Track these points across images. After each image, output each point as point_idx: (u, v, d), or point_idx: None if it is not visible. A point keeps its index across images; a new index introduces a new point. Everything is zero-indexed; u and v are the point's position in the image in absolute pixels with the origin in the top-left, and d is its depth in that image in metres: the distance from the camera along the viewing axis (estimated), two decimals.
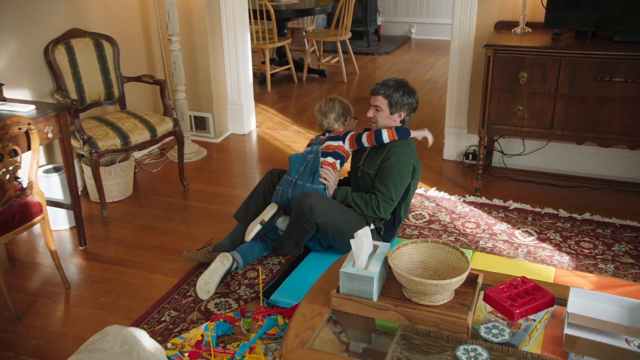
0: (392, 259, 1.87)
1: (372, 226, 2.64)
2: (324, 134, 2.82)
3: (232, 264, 2.60)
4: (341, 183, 2.83)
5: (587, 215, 3.14)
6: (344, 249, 2.55)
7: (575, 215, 3.15)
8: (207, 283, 2.52)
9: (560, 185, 3.53)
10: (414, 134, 2.68)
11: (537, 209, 3.23)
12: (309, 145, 2.82)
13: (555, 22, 3.15)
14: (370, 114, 2.62)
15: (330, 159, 2.71)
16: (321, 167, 2.69)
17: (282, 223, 2.69)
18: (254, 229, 2.63)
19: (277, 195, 2.71)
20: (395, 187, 2.56)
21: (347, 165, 2.86)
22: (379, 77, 6.23)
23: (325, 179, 2.65)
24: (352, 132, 2.74)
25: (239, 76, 4.34)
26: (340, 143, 2.72)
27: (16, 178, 2.45)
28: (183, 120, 3.97)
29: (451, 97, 3.82)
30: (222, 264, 2.56)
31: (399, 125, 2.64)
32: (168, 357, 2.19)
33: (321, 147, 2.73)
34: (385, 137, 2.59)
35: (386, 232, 2.68)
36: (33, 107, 2.64)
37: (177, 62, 3.83)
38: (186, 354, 2.18)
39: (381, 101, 2.57)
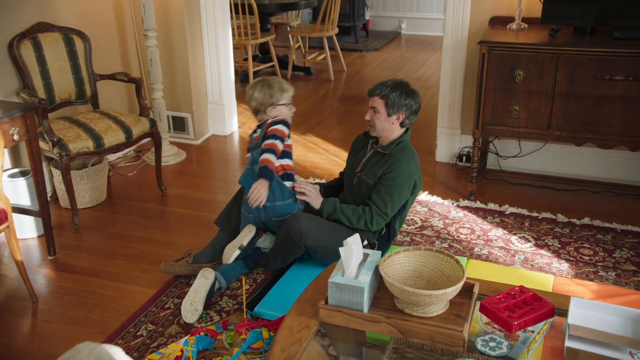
0: (384, 268, 1.86)
1: (366, 242, 2.58)
2: (257, 129, 2.75)
3: (215, 280, 2.56)
4: (326, 191, 2.82)
5: (586, 220, 3.16)
6: (331, 261, 2.52)
7: (574, 220, 3.18)
8: (193, 302, 2.45)
9: (558, 188, 3.55)
10: (296, 185, 2.66)
11: (535, 214, 3.25)
12: (248, 149, 2.79)
13: (552, 17, 3.17)
14: (367, 116, 2.59)
15: (277, 161, 2.64)
16: (296, 183, 2.66)
17: (263, 242, 2.66)
18: (233, 253, 2.58)
19: (248, 220, 2.68)
20: (392, 202, 2.53)
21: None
22: (367, 75, 6.24)
23: (304, 194, 2.61)
24: (278, 127, 2.63)
25: (219, 74, 4.32)
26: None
27: None
28: (160, 120, 3.93)
29: (444, 96, 3.83)
30: (205, 278, 2.50)
31: (399, 127, 2.58)
32: None
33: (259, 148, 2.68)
34: (267, 157, 2.57)
35: (380, 247, 2.66)
36: None
37: (153, 59, 3.80)
38: None
39: (378, 102, 2.54)
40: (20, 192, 3.01)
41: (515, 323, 1.77)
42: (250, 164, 2.70)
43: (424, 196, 3.47)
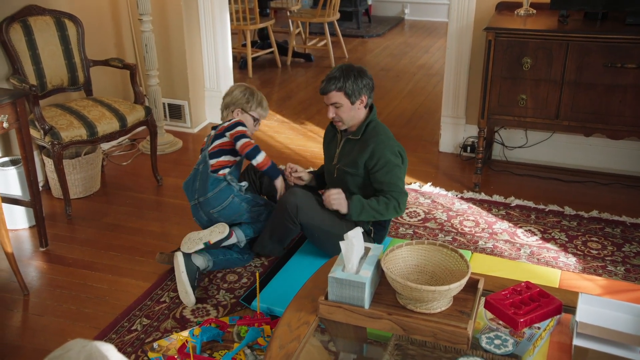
0: (386, 262, 1.84)
1: (361, 230, 2.59)
2: (212, 130, 2.78)
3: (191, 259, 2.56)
4: (318, 179, 2.81)
5: (594, 213, 3.14)
6: (332, 253, 2.53)
7: (582, 213, 3.15)
8: (182, 290, 2.48)
9: (565, 180, 3.53)
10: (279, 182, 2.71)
11: (541, 206, 3.23)
12: (202, 149, 2.80)
13: (562, 2, 3.13)
14: (331, 114, 2.55)
15: (224, 158, 2.68)
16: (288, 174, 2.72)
17: (236, 238, 2.64)
18: (195, 246, 2.54)
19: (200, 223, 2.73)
20: (400, 180, 2.58)
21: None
22: (369, 62, 6.20)
23: (331, 204, 2.53)
24: (238, 129, 2.66)
25: (217, 60, 4.27)
26: (222, 140, 2.70)
27: None
28: (156, 108, 3.90)
29: (448, 84, 3.80)
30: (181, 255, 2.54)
31: (364, 109, 2.57)
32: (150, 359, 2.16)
33: (208, 149, 2.69)
34: (260, 159, 2.64)
35: (377, 233, 2.66)
36: None
37: (149, 45, 3.76)
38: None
39: (337, 96, 2.51)
40: (10, 181, 2.98)
41: (522, 320, 1.75)
42: (198, 163, 2.71)
43: (427, 187, 3.45)
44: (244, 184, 2.71)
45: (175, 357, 2.18)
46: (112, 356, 1.41)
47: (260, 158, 2.64)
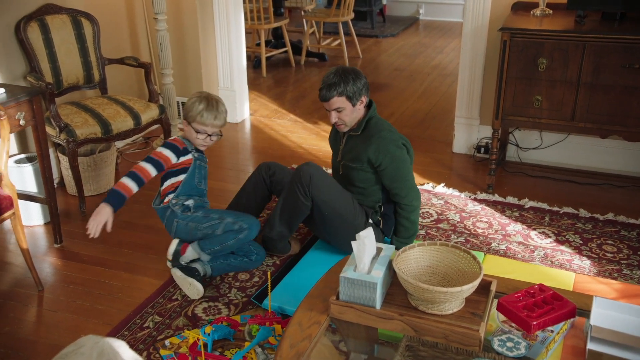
0: (397, 263, 1.84)
1: (370, 220, 2.66)
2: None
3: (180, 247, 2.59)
4: None
5: (610, 216, 3.10)
6: (340, 239, 2.59)
7: (597, 215, 3.12)
8: (190, 284, 2.51)
9: (581, 182, 3.49)
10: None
11: (555, 208, 3.20)
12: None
13: (579, 3, 3.10)
14: (333, 119, 2.58)
15: (168, 182, 2.61)
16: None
17: (192, 252, 2.60)
18: (167, 262, 2.65)
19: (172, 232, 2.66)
20: (409, 174, 2.61)
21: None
22: (383, 62, 6.18)
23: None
24: (157, 150, 2.57)
25: (231, 59, 4.29)
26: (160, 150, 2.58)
27: None
28: (170, 106, 3.93)
29: (462, 84, 3.78)
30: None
31: (363, 107, 2.59)
32: (162, 357, 2.18)
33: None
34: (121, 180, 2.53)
35: (385, 223, 2.70)
36: (3, 90, 2.60)
37: (163, 44, 3.78)
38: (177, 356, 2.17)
39: (339, 101, 2.52)
40: (26, 178, 3.01)
41: (534, 323, 1.74)
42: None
43: (440, 188, 3.43)
44: (189, 202, 2.60)
45: (187, 354, 2.19)
46: (124, 353, 1.42)
47: (142, 164, 2.52)
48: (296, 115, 4.65)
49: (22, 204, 2.72)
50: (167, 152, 2.55)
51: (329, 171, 3.05)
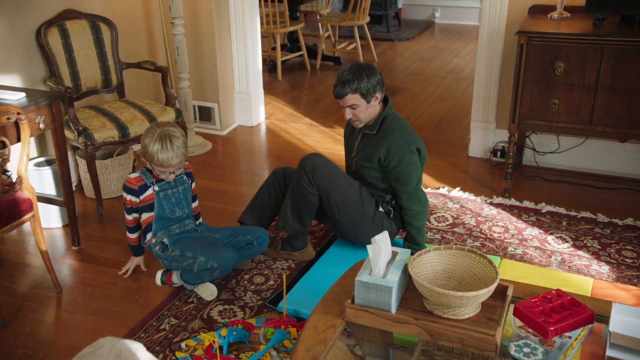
0: (413, 267, 1.83)
1: (381, 209, 2.68)
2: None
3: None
4: None
5: (629, 221, 3.07)
6: (349, 227, 2.62)
7: (615, 220, 3.08)
8: (203, 287, 2.56)
9: (599, 186, 3.46)
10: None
11: (573, 213, 3.16)
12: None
13: (597, 5, 3.07)
14: (348, 115, 2.60)
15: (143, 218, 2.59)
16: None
17: (177, 280, 2.61)
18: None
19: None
20: (414, 179, 2.62)
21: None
22: (398, 65, 6.17)
23: None
24: (123, 195, 2.55)
25: (247, 63, 4.31)
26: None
27: (4, 172, 2.45)
28: (186, 110, 3.96)
29: (478, 88, 3.76)
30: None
31: (379, 103, 2.61)
32: (178, 359, 2.19)
33: None
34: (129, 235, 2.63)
35: (395, 213, 2.72)
36: (23, 94, 2.64)
37: (180, 48, 3.82)
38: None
39: (353, 98, 2.53)
40: (45, 181, 3.05)
41: (552, 329, 1.72)
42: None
43: (455, 192, 3.41)
44: (166, 240, 2.55)
45: (203, 357, 2.20)
46: (141, 354, 1.43)
47: (129, 235, 2.62)
48: (311, 118, 4.66)
49: (41, 207, 2.76)
50: (129, 197, 2.53)
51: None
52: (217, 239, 2.64)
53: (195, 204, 2.71)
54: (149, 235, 2.59)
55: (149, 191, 2.52)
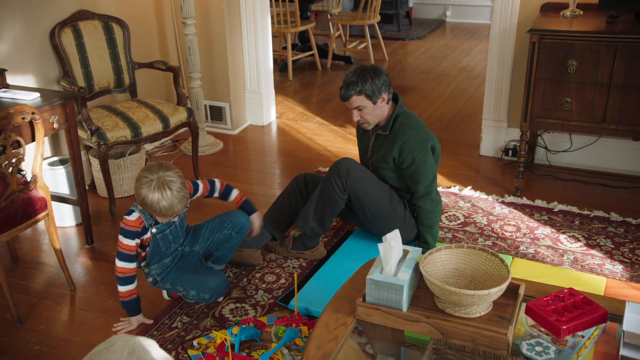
0: (424, 265, 1.83)
1: (408, 209, 2.70)
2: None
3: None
4: None
5: None
6: (381, 229, 2.60)
7: (629, 219, 3.06)
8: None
9: (612, 185, 3.43)
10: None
11: (586, 212, 3.14)
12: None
13: (611, 3, 3.05)
14: (356, 118, 2.62)
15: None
16: None
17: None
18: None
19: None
20: (428, 178, 2.62)
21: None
22: (409, 64, 6.16)
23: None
24: (119, 239, 2.31)
25: (258, 63, 4.33)
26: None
27: (19, 171, 2.48)
28: (198, 110, 3.98)
29: (490, 87, 3.74)
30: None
31: (387, 104, 2.62)
32: (190, 357, 2.21)
33: None
34: (120, 289, 2.34)
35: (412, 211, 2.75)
36: (38, 94, 2.67)
37: (191, 48, 3.84)
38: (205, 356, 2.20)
39: (358, 100, 2.55)
40: (59, 180, 3.08)
41: (564, 327, 1.71)
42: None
43: (467, 191, 3.40)
44: (158, 276, 2.44)
45: (214, 355, 2.21)
46: (154, 351, 1.44)
47: (117, 263, 2.31)
48: (322, 118, 4.66)
49: (54, 206, 2.79)
50: (127, 241, 2.28)
51: None
52: (199, 254, 2.51)
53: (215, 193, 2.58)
54: (146, 269, 2.43)
55: (147, 234, 2.32)
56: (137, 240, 2.30)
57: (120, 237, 2.29)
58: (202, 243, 2.53)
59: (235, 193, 2.61)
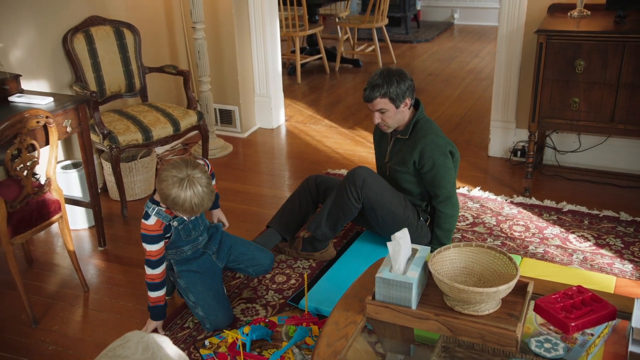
0: (433, 264, 1.85)
1: (421, 218, 2.71)
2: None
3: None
4: None
5: None
6: (392, 234, 2.58)
7: (639, 219, 3.05)
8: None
9: (621, 185, 3.42)
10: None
11: (595, 212, 3.14)
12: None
13: (619, 2, 3.06)
14: (377, 120, 2.62)
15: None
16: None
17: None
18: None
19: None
20: (449, 182, 2.63)
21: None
22: (417, 67, 6.18)
23: None
24: (142, 221, 2.26)
25: (267, 66, 4.36)
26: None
27: (33, 174, 2.52)
28: (207, 113, 4.01)
29: (498, 88, 3.75)
30: None
31: (410, 110, 2.64)
32: (202, 356, 2.24)
33: None
34: (149, 272, 2.29)
35: (433, 221, 2.74)
36: (51, 99, 2.71)
37: (201, 52, 3.88)
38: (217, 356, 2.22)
39: (382, 102, 2.56)
40: (72, 183, 3.13)
41: (573, 324, 1.72)
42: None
43: (475, 192, 3.41)
44: (171, 262, 2.42)
45: (226, 354, 2.24)
46: (168, 347, 1.47)
47: (147, 271, 2.28)
48: (331, 120, 4.69)
49: (68, 209, 2.83)
50: (153, 247, 2.25)
51: None
52: (220, 269, 2.48)
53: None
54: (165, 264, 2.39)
55: (170, 231, 2.32)
56: (163, 242, 2.28)
57: (146, 246, 2.25)
58: (223, 259, 2.50)
59: (214, 181, 2.47)
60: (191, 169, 2.12)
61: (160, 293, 2.32)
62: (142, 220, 2.24)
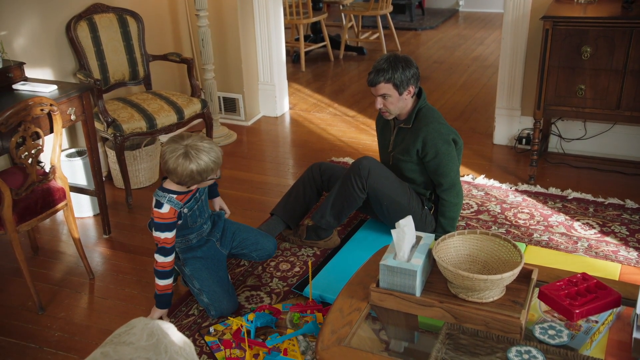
0: (437, 251, 1.85)
1: (426, 207, 2.70)
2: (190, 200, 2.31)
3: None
4: None
5: None
6: (395, 222, 2.59)
7: None
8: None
9: (627, 173, 3.41)
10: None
11: (600, 199, 3.13)
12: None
13: None
14: (378, 105, 2.60)
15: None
16: None
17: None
18: None
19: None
20: (452, 170, 2.62)
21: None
22: (422, 54, 6.14)
23: None
24: (154, 210, 2.25)
25: (271, 54, 4.34)
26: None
27: (38, 162, 2.52)
28: (212, 101, 4.00)
29: (503, 75, 3.73)
30: None
31: (413, 98, 2.62)
32: (207, 343, 2.25)
33: None
34: (159, 260, 2.28)
35: (437, 210, 2.73)
36: (55, 87, 2.71)
37: (205, 40, 3.86)
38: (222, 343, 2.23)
39: (385, 87, 2.54)
40: (77, 171, 3.13)
41: (577, 311, 1.72)
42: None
43: (480, 179, 3.40)
44: (177, 250, 2.41)
45: (231, 340, 2.25)
46: (173, 334, 1.47)
47: (159, 259, 2.27)
48: (335, 108, 4.67)
49: (72, 197, 2.83)
50: (166, 234, 2.24)
51: None
52: (225, 256, 2.49)
53: None
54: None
55: (181, 217, 2.32)
56: (173, 232, 2.26)
57: (159, 234, 2.23)
58: (227, 245, 2.51)
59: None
60: (187, 139, 2.18)
61: (169, 281, 2.31)
62: (155, 209, 2.23)
